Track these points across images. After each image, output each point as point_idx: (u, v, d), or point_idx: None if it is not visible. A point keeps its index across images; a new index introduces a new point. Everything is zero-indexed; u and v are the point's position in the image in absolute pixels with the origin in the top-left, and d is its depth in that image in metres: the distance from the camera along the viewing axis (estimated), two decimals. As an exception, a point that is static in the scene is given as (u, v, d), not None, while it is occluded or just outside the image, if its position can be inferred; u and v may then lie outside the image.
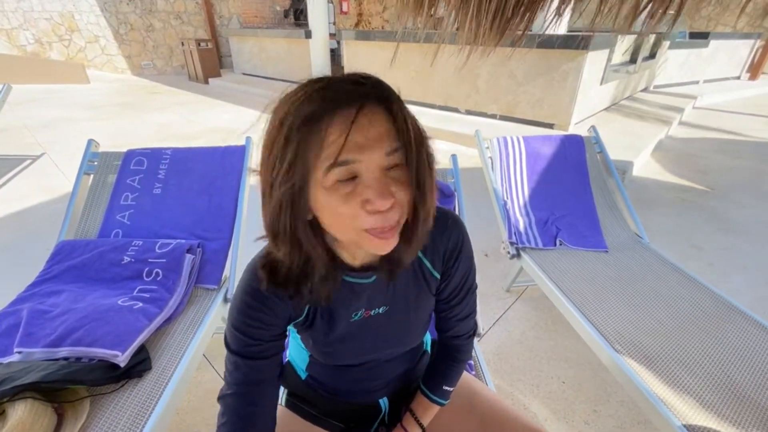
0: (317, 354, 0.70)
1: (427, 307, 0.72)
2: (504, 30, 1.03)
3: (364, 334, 0.68)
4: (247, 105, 6.26)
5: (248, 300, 0.58)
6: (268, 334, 0.60)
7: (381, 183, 0.46)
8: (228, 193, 1.49)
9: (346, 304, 0.64)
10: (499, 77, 4.56)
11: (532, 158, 1.88)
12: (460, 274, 0.69)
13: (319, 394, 0.80)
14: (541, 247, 1.65)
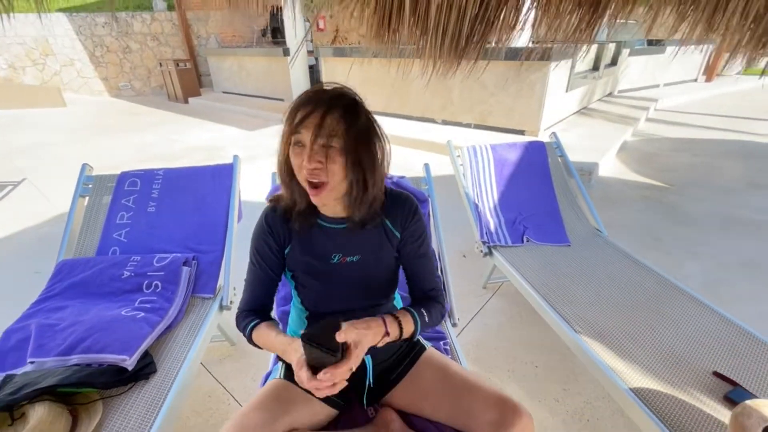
0: (312, 296, 0.90)
1: (390, 259, 0.92)
2: (460, 57, 1.19)
3: (343, 278, 0.89)
4: (228, 123, 6.34)
5: (261, 223, 0.90)
6: (270, 251, 0.90)
7: (311, 151, 0.73)
8: (219, 209, 1.60)
9: (324, 244, 0.88)
10: (471, 88, 4.80)
11: (500, 164, 2.06)
12: (416, 235, 0.91)
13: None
14: (510, 244, 1.81)
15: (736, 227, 2.79)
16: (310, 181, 0.76)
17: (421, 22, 1.07)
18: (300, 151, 0.75)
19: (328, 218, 0.88)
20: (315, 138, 0.73)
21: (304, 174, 0.76)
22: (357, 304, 0.91)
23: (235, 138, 5.45)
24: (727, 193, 3.37)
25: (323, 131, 0.73)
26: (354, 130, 0.75)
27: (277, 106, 7.06)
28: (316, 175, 0.75)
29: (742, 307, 1.94)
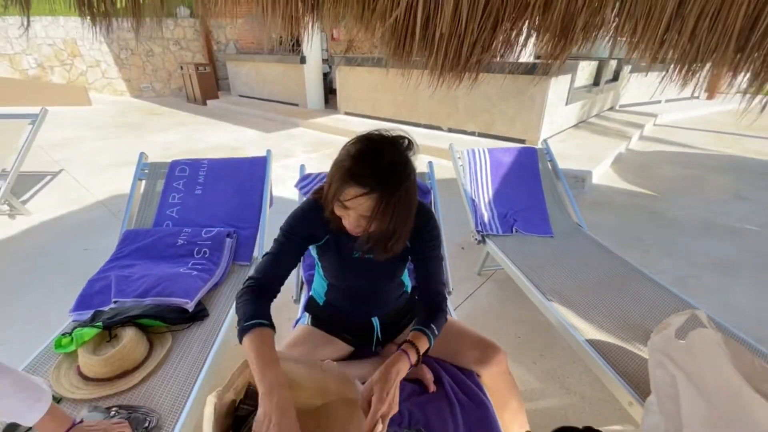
0: (333, 276, 1.11)
1: (399, 259, 1.09)
2: (462, 73, 1.49)
3: (360, 267, 1.08)
4: (245, 125, 6.70)
5: (304, 206, 1.02)
6: (299, 233, 1.01)
7: (353, 220, 0.88)
8: (254, 194, 1.90)
9: (350, 244, 1.03)
10: (475, 98, 5.10)
11: (495, 166, 2.34)
12: (426, 240, 1.06)
13: (334, 314, 1.19)
14: (501, 233, 2.09)
15: (713, 232, 3.04)
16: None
17: (429, 45, 1.37)
18: (344, 213, 0.87)
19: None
20: (358, 223, 0.87)
21: (344, 223, 0.90)
22: (369, 283, 1.13)
23: (253, 139, 5.79)
24: (711, 202, 3.62)
25: (364, 212, 0.84)
26: (396, 206, 0.84)
27: (292, 110, 7.42)
28: (357, 231, 0.91)
29: (708, 298, 2.19)
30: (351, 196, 0.83)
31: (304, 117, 6.79)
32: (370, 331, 1.22)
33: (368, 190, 0.82)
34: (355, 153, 0.86)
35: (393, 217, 0.86)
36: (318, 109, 7.55)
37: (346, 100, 6.89)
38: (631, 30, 1.30)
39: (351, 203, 0.84)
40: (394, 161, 0.86)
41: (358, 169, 0.83)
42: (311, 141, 5.75)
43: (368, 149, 0.87)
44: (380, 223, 0.86)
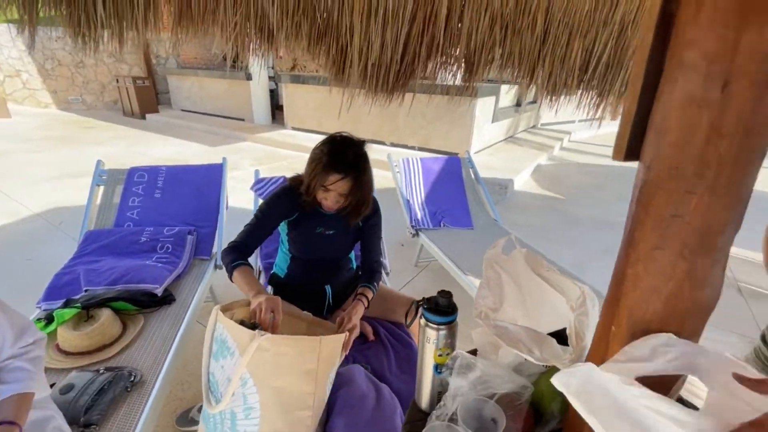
0: (297, 248, 1.39)
1: (352, 234, 1.43)
2: (391, 93, 1.86)
3: (321, 241, 1.38)
4: (189, 139, 6.65)
5: (280, 190, 1.31)
6: (275, 209, 1.29)
7: (333, 199, 1.21)
8: (212, 196, 2.10)
9: (316, 221, 1.34)
10: (414, 116, 5.61)
11: (426, 172, 2.74)
12: (372, 224, 1.43)
13: (293, 284, 1.46)
14: (431, 228, 2.47)
15: (605, 226, 3.70)
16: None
17: (363, 72, 1.72)
18: (326, 195, 1.21)
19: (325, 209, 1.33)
20: (337, 200, 1.22)
21: (324, 203, 1.24)
22: (326, 256, 1.44)
23: (198, 152, 5.80)
24: (605, 203, 4.36)
25: (343, 191, 1.19)
26: (363, 184, 1.22)
27: (239, 125, 7.48)
28: (330, 209, 1.27)
29: (598, 275, 2.73)
30: (333, 181, 1.16)
31: (251, 132, 6.90)
32: (323, 298, 1.50)
33: (344, 175, 1.16)
34: (329, 150, 1.20)
35: (362, 192, 1.23)
36: (265, 125, 7.69)
37: (293, 116, 7.12)
38: (511, 64, 1.75)
39: (333, 186, 1.18)
40: (358, 153, 1.22)
41: (336, 161, 1.16)
42: (259, 155, 5.89)
43: (339, 146, 1.21)
44: (353, 198, 1.22)
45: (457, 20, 1.63)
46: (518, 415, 0.69)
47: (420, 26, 1.63)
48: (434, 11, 1.59)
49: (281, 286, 1.48)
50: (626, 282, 0.52)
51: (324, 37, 1.59)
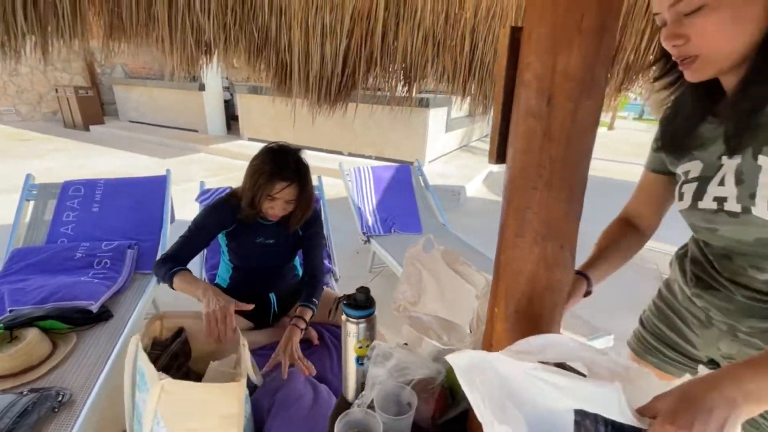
0: (238, 259, 1.40)
1: (292, 244, 1.46)
2: (334, 106, 1.92)
3: (262, 251, 1.40)
4: (138, 151, 6.37)
5: (217, 202, 1.32)
6: (211, 221, 1.29)
7: (280, 207, 1.23)
8: (156, 209, 2.05)
9: (255, 232, 1.36)
10: (370, 126, 5.72)
11: (377, 180, 2.82)
12: (312, 233, 1.45)
13: (237, 294, 1.46)
14: (383, 234, 2.54)
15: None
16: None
17: (304, 84, 1.77)
18: (272, 204, 1.22)
19: (265, 219, 1.33)
20: (284, 208, 1.24)
21: (270, 212, 1.24)
22: (268, 264, 1.46)
23: (148, 165, 5.56)
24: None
25: (292, 200, 1.23)
26: (305, 190, 1.26)
27: (192, 136, 7.26)
28: (276, 218, 1.27)
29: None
30: (279, 189, 1.18)
31: (204, 143, 6.72)
32: (268, 306, 1.51)
33: (290, 182, 1.19)
34: (271, 159, 1.22)
35: (307, 198, 1.27)
36: (220, 135, 7.51)
37: (249, 127, 7.02)
38: (446, 79, 1.87)
39: (279, 195, 1.20)
40: (297, 160, 1.26)
41: (279, 169, 1.19)
42: (213, 166, 5.75)
43: (279, 155, 1.24)
44: (298, 204, 1.26)
45: (392, 37, 1.73)
46: (431, 398, 0.76)
47: (358, 41, 1.71)
48: (370, 28, 1.68)
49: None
50: (500, 267, 0.60)
51: (263, 51, 1.63)
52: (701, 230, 0.70)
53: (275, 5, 1.51)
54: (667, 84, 0.69)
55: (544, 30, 0.47)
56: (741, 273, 0.67)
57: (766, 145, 0.57)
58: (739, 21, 0.54)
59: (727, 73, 0.60)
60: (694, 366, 0.83)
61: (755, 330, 0.67)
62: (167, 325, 1.10)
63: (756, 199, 0.58)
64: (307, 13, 1.57)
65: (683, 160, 0.70)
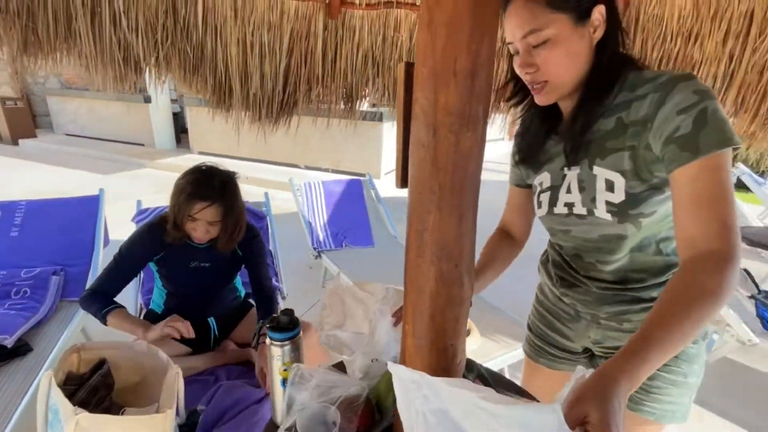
0: (172, 284, 1.34)
1: (230, 266, 1.42)
2: (276, 123, 1.92)
3: (197, 275, 1.35)
4: (77, 167, 5.95)
5: (143, 228, 1.27)
6: (137, 249, 1.24)
7: (202, 229, 1.19)
8: (86, 232, 1.93)
9: (188, 256, 1.31)
10: (326, 140, 5.73)
11: (328, 195, 2.83)
12: (254, 251, 1.41)
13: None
14: (333, 248, 2.54)
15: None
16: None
17: (245, 101, 1.76)
18: (194, 225, 1.18)
19: (197, 243, 1.29)
20: (206, 230, 1.20)
21: (193, 234, 1.21)
22: (205, 289, 1.39)
23: (87, 181, 5.21)
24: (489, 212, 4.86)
25: (216, 221, 1.19)
26: (233, 210, 1.22)
27: (137, 150, 6.89)
28: (202, 240, 1.24)
29: (487, 281, 3.03)
30: (198, 209, 1.15)
31: (151, 157, 6.40)
32: (208, 331, 1.46)
33: (210, 202, 1.16)
34: (193, 179, 1.19)
35: (234, 219, 1.23)
36: (168, 149, 7.19)
37: (200, 140, 6.79)
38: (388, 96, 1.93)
39: (199, 215, 1.16)
40: (224, 180, 1.23)
41: (200, 188, 1.16)
42: (159, 182, 5.48)
43: (203, 174, 1.22)
44: (224, 225, 1.22)
45: (333, 57, 1.77)
46: (355, 416, 0.77)
47: (298, 61, 1.74)
48: (310, 48, 1.71)
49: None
50: (407, 286, 0.64)
51: (199, 68, 1.61)
52: (557, 232, 0.81)
53: (210, 24, 1.50)
54: (518, 103, 0.80)
55: (426, 70, 0.52)
56: (592, 268, 0.78)
57: (597, 157, 0.69)
58: (573, 55, 0.64)
59: (566, 98, 0.71)
60: (576, 358, 0.92)
61: (611, 314, 0.78)
62: (86, 357, 1.04)
63: (596, 203, 0.69)
64: (244, 32, 1.58)
65: (537, 173, 0.81)
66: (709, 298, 0.52)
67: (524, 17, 0.63)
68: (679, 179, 0.59)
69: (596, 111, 0.68)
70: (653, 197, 0.65)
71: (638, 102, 0.64)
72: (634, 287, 0.75)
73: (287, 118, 1.94)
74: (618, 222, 0.69)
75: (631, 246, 0.72)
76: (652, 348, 0.49)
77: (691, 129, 0.57)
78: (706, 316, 0.51)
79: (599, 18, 0.64)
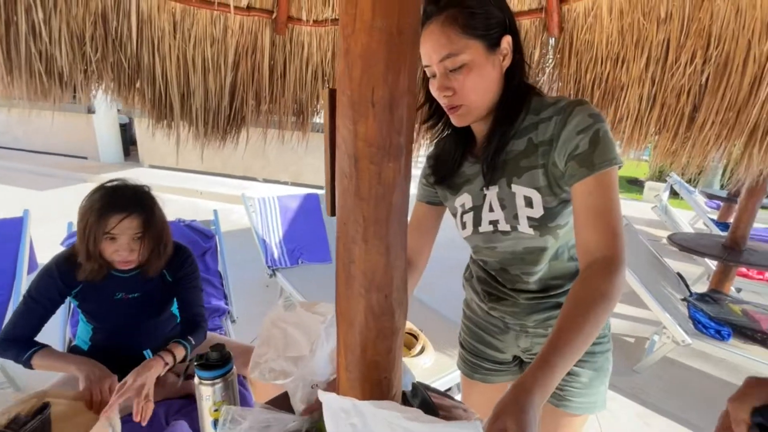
0: (97, 319, 1.22)
1: (163, 294, 1.28)
2: (224, 139, 1.84)
3: (124, 307, 1.22)
4: (6, 182, 5.43)
5: (52, 262, 1.12)
6: (49, 287, 1.10)
7: (125, 246, 1.06)
8: (7, 258, 1.74)
9: (111, 288, 1.18)
10: (285, 152, 5.61)
11: (284, 210, 2.76)
12: (187, 275, 1.28)
13: (100, 356, 1.28)
14: (289, 266, 2.47)
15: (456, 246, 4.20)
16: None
17: (188, 116, 1.68)
18: (115, 246, 1.04)
19: (117, 270, 1.15)
20: (131, 246, 1.06)
21: (117, 258, 1.06)
22: (136, 320, 1.24)
23: (17, 198, 4.76)
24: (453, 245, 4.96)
25: (138, 235, 1.06)
26: (155, 220, 1.10)
27: (79, 164, 6.43)
28: (129, 262, 1.09)
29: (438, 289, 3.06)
30: (115, 223, 1.02)
31: (95, 171, 5.99)
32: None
33: (128, 212, 1.03)
34: (101, 195, 1.07)
35: (157, 230, 1.11)
36: (115, 163, 6.78)
37: (151, 153, 6.45)
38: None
39: (118, 230, 1.03)
40: (138, 190, 1.12)
41: (113, 200, 1.04)
42: (105, 198, 5.12)
43: (111, 189, 1.09)
44: (148, 238, 1.09)
45: (281, 72, 1.74)
46: (292, 453, 0.73)
47: (245, 76, 1.69)
48: (257, 63, 1.67)
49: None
50: (338, 319, 0.61)
51: (135, 82, 1.52)
52: (482, 250, 0.84)
53: (145, 37, 1.42)
54: (433, 125, 0.82)
55: (345, 99, 0.50)
56: (518, 280, 0.82)
57: (514, 176, 0.72)
58: (487, 81, 0.68)
59: (479, 121, 0.75)
60: (507, 368, 0.96)
61: (538, 322, 0.83)
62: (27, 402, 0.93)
63: (519, 219, 0.74)
64: (184, 47, 1.51)
65: (457, 195, 0.83)
66: (603, 301, 0.58)
67: (441, 42, 0.66)
68: (577, 192, 0.65)
69: (508, 133, 0.72)
70: (565, 209, 0.72)
71: (544, 124, 0.69)
72: (555, 293, 0.81)
73: (235, 133, 1.88)
74: (540, 235, 0.74)
75: (549, 256, 0.78)
76: (559, 357, 0.54)
77: (588, 147, 0.63)
78: (603, 318, 0.57)
79: (507, 47, 0.68)
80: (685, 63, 1.28)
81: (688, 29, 1.26)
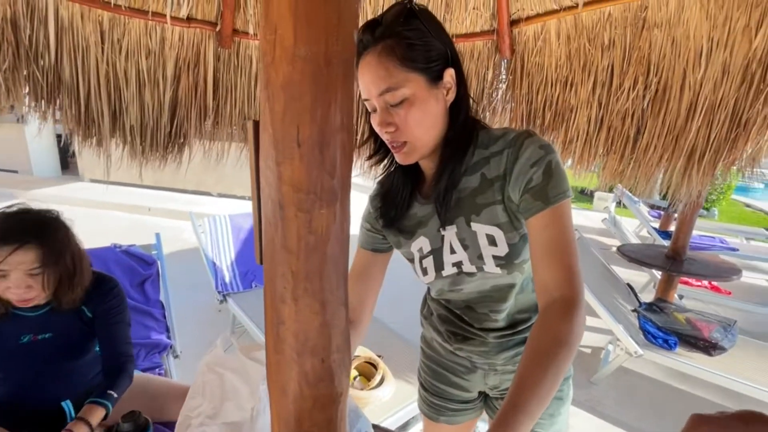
0: (3, 369, 1.04)
1: (84, 334, 1.11)
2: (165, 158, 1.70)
3: (33, 351, 1.05)
4: None
5: None
6: None
7: (20, 284, 0.90)
8: None
9: (15, 329, 1.02)
10: (242, 165, 5.39)
11: (236, 230, 2.60)
12: (109, 308, 1.13)
13: (10, 412, 1.09)
14: (242, 290, 2.32)
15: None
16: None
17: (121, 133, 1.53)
18: (6, 283, 0.89)
19: (22, 308, 0.99)
20: (26, 282, 0.90)
21: (12, 296, 0.92)
22: (49, 366, 1.08)
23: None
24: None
25: (35, 270, 0.91)
26: (58, 249, 0.95)
27: (9, 179, 5.83)
28: (27, 301, 0.94)
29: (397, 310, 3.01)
30: (2, 257, 0.88)
31: (26, 187, 5.45)
32: (62, 418, 1.16)
33: (20, 244, 0.89)
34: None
35: (64, 261, 0.96)
36: (50, 177, 6.21)
37: (92, 166, 5.97)
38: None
39: (6, 265, 0.88)
40: (42, 217, 0.97)
41: (0, 232, 0.90)
42: (36, 216, 4.65)
43: (5, 217, 0.94)
44: (52, 272, 0.94)
45: (229, 86, 1.63)
46: None
47: (187, 90, 1.57)
48: (199, 77, 1.56)
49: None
50: (270, 385, 0.53)
51: (56, 97, 1.36)
52: (447, 292, 0.78)
53: (66, 47, 1.27)
54: (378, 161, 0.75)
55: (266, 137, 0.43)
56: (485, 319, 0.77)
57: (473, 214, 0.68)
58: (431, 116, 0.64)
59: (427, 158, 0.70)
60: (473, 406, 0.92)
61: (507, 359, 0.79)
62: None
63: (484, 258, 0.69)
64: (114, 59, 1.37)
65: (412, 240, 0.75)
66: (563, 350, 0.55)
67: (379, 74, 0.61)
68: (533, 226, 0.62)
69: (458, 170, 0.68)
70: (527, 243, 0.68)
71: (496, 158, 0.66)
72: (523, 327, 0.78)
73: (177, 150, 1.74)
74: (507, 273, 0.70)
75: (516, 290, 0.75)
76: (522, 415, 0.50)
77: (542, 180, 0.61)
78: (564, 365, 0.55)
79: (450, 81, 0.65)
80: (629, 88, 1.33)
81: (629, 56, 1.30)
